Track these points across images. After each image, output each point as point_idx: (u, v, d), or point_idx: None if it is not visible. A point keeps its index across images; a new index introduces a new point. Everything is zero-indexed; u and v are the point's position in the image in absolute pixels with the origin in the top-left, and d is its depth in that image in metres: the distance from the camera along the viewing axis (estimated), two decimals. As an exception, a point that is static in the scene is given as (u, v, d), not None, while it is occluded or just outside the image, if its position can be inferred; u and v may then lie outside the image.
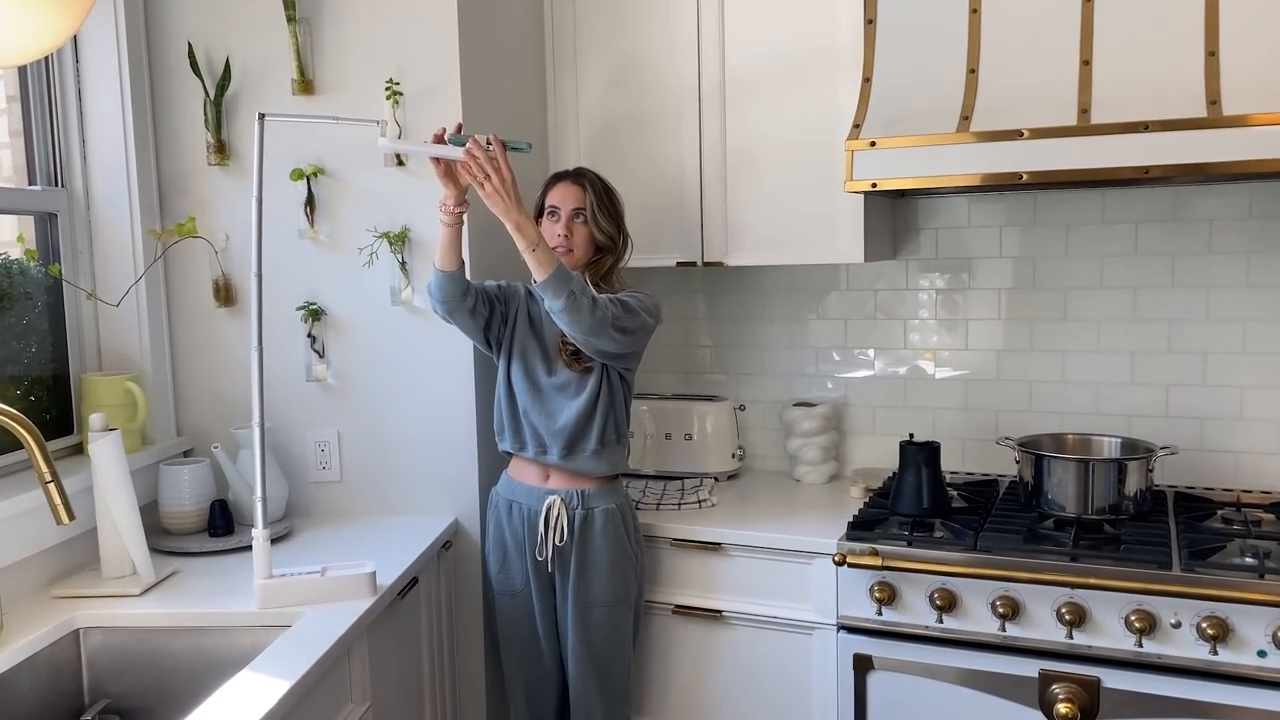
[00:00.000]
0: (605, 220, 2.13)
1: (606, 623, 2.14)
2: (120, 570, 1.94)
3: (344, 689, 1.75)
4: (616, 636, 2.17)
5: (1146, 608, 1.89)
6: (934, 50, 2.18)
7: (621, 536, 2.15)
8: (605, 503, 2.14)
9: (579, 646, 2.14)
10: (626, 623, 2.19)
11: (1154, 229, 2.43)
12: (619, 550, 2.14)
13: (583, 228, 2.12)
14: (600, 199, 2.14)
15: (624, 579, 2.15)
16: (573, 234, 2.11)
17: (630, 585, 2.17)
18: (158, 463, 2.24)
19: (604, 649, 2.15)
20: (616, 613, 2.15)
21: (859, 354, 2.74)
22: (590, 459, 2.12)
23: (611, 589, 2.13)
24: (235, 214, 2.33)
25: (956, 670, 2.05)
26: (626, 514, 2.18)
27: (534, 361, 2.14)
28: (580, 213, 2.12)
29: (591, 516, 2.12)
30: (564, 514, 2.11)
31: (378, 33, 2.23)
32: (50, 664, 1.74)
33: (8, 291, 2.07)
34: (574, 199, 2.12)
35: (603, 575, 2.12)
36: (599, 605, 2.13)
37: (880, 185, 2.12)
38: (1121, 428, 2.46)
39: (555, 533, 2.11)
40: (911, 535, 2.11)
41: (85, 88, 2.24)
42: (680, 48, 2.47)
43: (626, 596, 2.17)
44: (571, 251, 2.11)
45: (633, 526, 2.20)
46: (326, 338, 2.33)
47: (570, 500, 2.12)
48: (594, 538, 2.12)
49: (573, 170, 2.19)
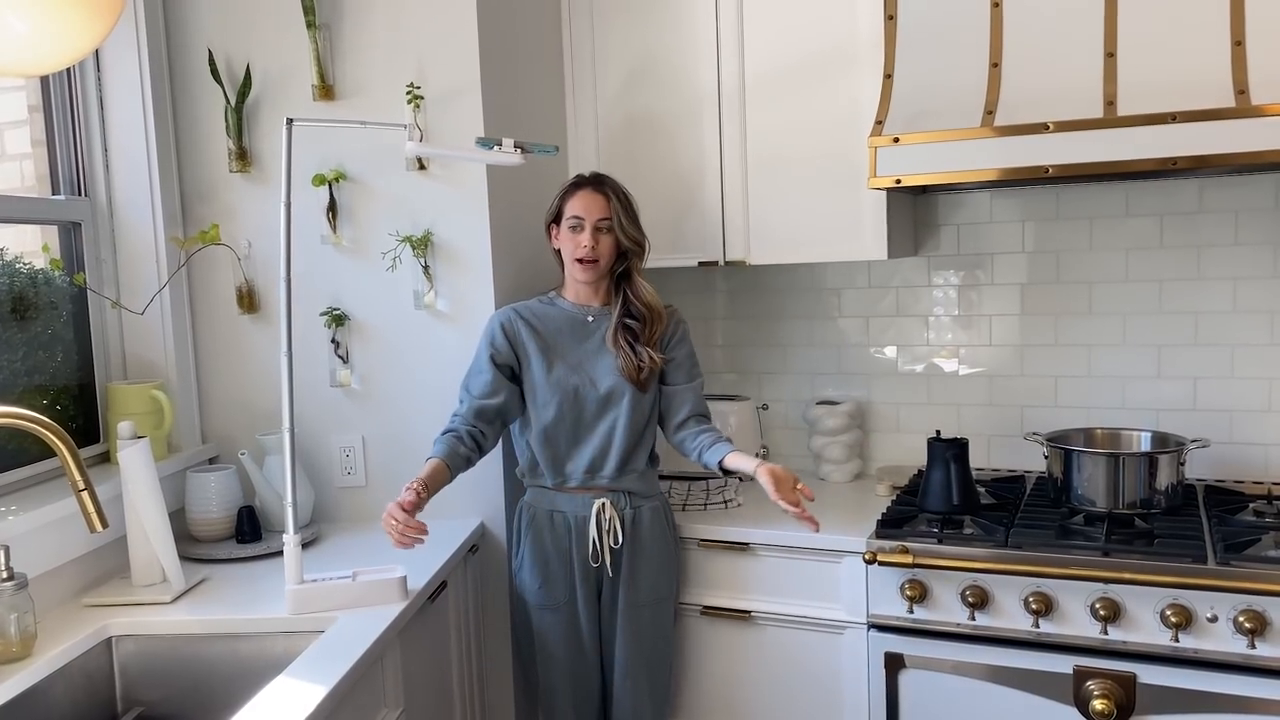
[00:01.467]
0: (631, 227, 2.14)
1: (655, 620, 2.18)
2: (150, 578, 1.94)
3: (378, 694, 1.74)
4: (663, 633, 2.21)
5: (1182, 602, 1.88)
6: (956, 45, 2.17)
7: (666, 530, 2.20)
8: (651, 499, 2.18)
9: (631, 647, 2.15)
10: (671, 619, 2.23)
11: (1179, 221, 2.41)
12: (665, 545, 2.19)
13: (608, 237, 2.12)
14: (625, 207, 2.14)
15: (670, 574, 2.21)
16: (598, 244, 2.11)
17: (674, 580, 2.23)
18: (184, 470, 2.24)
19: (653, 647, 2.18)
20: (663, 609, 2.20)
21: (881, 351, 2.73)
22: (638, 479, 2.16)
23: (660, 585, 2.17)
24: (257, 220, 2.33)
25: (989, 667, 2.04)
26: (668, 508, 2.24)
27: (571, 385, 2.12)
28: (606, 223, 2.11)
29: (640, 515, 2.15)
30: (615, 515, 2.12)
31: (398, 37, 2.23)
32: (83, 673, 1.74)
33: (33, 301, 2.08)
34: (599, 209, 2.11)
35: (653, 572, 2.16)
36: (648, 604, 2.16)
37: (904, 181, 2.11)
38: (1149, 421, 2.45)
39: (609, 535, 2.11)
40: (942, 532, 2.10)
41: (107, 97, 2.25)
42: (699, 47, 2.47)
43: (672, 591, 2.22)
44: (598, 262, 2.11)
45: (673, 521, 2.25)
46: (350, 343, 2.33)
47: (619, 501, 2.13)
48: (643, 536, 2.15)
49: (591, 177, 2.17)
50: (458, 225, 2.26)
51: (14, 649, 1.62)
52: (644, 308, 2.15)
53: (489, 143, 1.94)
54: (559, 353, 2.14)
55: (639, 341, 2.12)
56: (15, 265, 2.04)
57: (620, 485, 2.14)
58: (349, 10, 2.25)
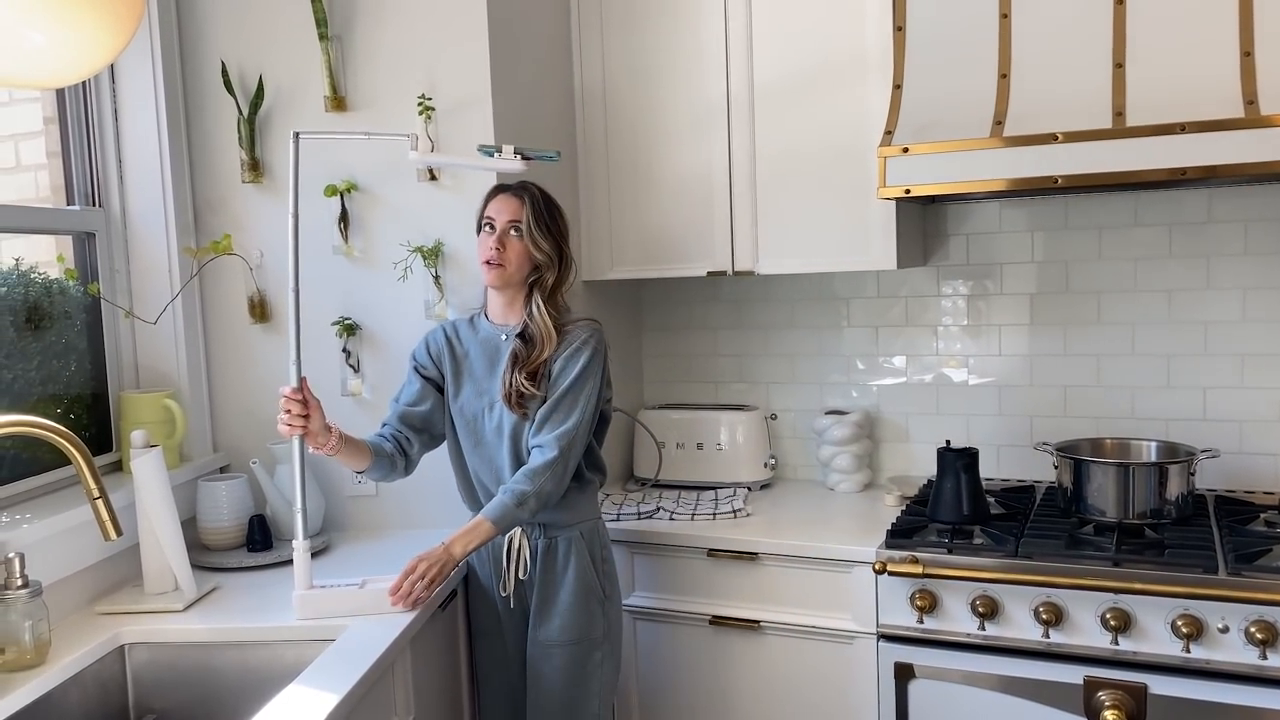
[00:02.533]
0: (542, 236, 1.99)
1: (567, 665, 1.99)
2: (163, 586, 1.95)
3: (388, 702, 1.75)
4: (580, 682, 2.00)
5: (1193, 612, 1.87)
6: (964, 56, 2.18)
7: (586, 567, 2.01)
8: (567, 531, 2.02)
9: (535, 688, 2.01)
10: (593, 664, 2.02)
11: (1189, 230, 2.41)
12: (582, 583, 2.00)
13: (518, 242, 1.98)
14: (539, 213, 2.00)
15: (587, 615, 2.00)
16: (506, 248, 1.98)
17: (596, 621, 2.01)
18: (195, 479, 2.25)
19: (565, 695, 2.00)
20: (579, 654, 2.00)
21: (889, 361, 2.73)
22: (553, 509, 1.98)
23: (575, 626, 1.99)
24: (269, 231, 2.35)
25: (999, 678, 2.03)
26: (593, 543, 2.05)
27: (473, 411, 2.04)
28: (515, 226, 1.98)
29: (554, 546, 2.01)
30: (525, 545, 2.01)
31: (409, 49, 2.25)
32: (97, 680, 1.75)
33: (48, 311, 2.09)
34: (510, 211, 1.99)
35: (566, 610, 1.99)
36: (559, 644, 1.99)
37: (914, 191, 2.11)
38: (1159, 431, 2.44)
39: (518, 565, 2.01)
40: (951, 542, 2.10)
41: (122, 108, 2.27)
42: (708, 56, 2.48)
43: (589, 634, 2.00)
44: (504, 267, 1.98)
45: (600, 557, 2.05)
46: (361, 352, 2.34)
47: (532, 532, 2.01)
48: (555, 569, 2.01)
49: (516, 183, 2.04)
50: (468, 235, 2.26)
51: (28, 656, 1.63)
52: (535, 328, 1.99)
53: (490, 150, 1.95)
54: (469, 376, 2.05)
55: (517, 365, 1.98)
56: (30, 275, 2.06)
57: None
58: (361, 22, 2.27)
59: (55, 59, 1.43)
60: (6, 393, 1.97)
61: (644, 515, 2.41)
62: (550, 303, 2.02)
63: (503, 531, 1.93)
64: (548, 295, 2.02)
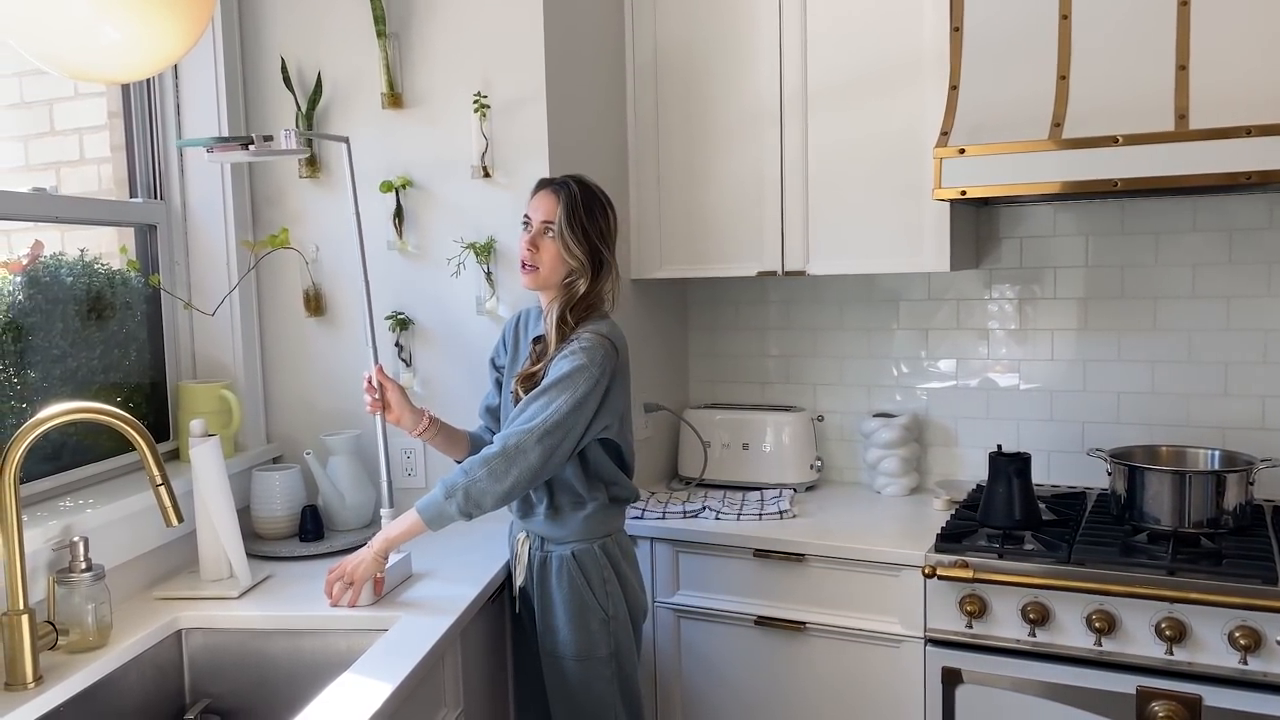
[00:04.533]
0: (574, 240, 1.87)
1: (583, 679, 1.93)
2: (218, 573, 1.98)
3: (439, 693, 1.76)
4: (593, 694, 1.93)
5: (1251, 624, 1.84)
6: (1023, 57, 2.16)
7: (580, 587, 1.92)
8: (561, 549, 1.94)
9: (554, 696, 1.97)
10: (605, 680, 1.94)
11: (1249, 236, 2.37)
12: (577, 602, 1.91)
13: (551, 243, 1.88)
14: (572, 213, 1.87)
15: (587, 633, 1.92)
16: (539, 249, 1.89)
17: (598, 640, 1.92)
18: (250, 469, 2.29)
19: (582, 705, 1.94)
20: (588, 668, 1.93)
21: (939, 364, 2.71)
22: (544, 523, 1.94)
23: (575, 642, 1.92)
24: (325, 225, 2.38)
25: (1049, 685, 2.01)
26: (588, 564, 1.93)
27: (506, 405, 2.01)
28: (549, 226, 1.88)
29: (548, 561, 1.95)
30: (524, 553, 1.98)
31: (465, 46, 2.27)
32: (155, 663, 1.78)
33: (110, 301, 2.14)
34: (545, 210, 1.89)
35: (562, 626, 1.93)
36: (568, 658, 1.93)
37: (969, 193, 2.10)
38: (1215, 440, 2.41)
39: (519, 572, 1.99)
40: (1002, 547, 2.08)
41: (184, 103, 2.31)
42: (762, 56, 2.47)
43: (593, 652, 1.92)
44: (537, 269, 1.89)
45: (598, 578, 1.93)
46: (413, 347, 2.37)
47: (531, 539, 1.98)
48: (549, 585, 1.94)
49: (559, 177, 1.94)
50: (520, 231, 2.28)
51: (91, 638, 1.67)
52: (546, 333, 1.92)
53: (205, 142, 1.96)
54: (512, 370, 2.03)
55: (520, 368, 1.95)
56: (94, 266, 2.10)
57: (530, 526, 1.98)
58: (418, 19, 2.30)
59: (128, 54, 1.47)
60: (70, 380, 2.01)
61: (690, 514, 2.41)
62: (576, 309, 1.90)
63: (431, 525, 1.82)
64: (576, 301, 1.90)
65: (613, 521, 2.00)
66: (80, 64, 1.47)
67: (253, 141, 1.91)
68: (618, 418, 1.93)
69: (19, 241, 1.99)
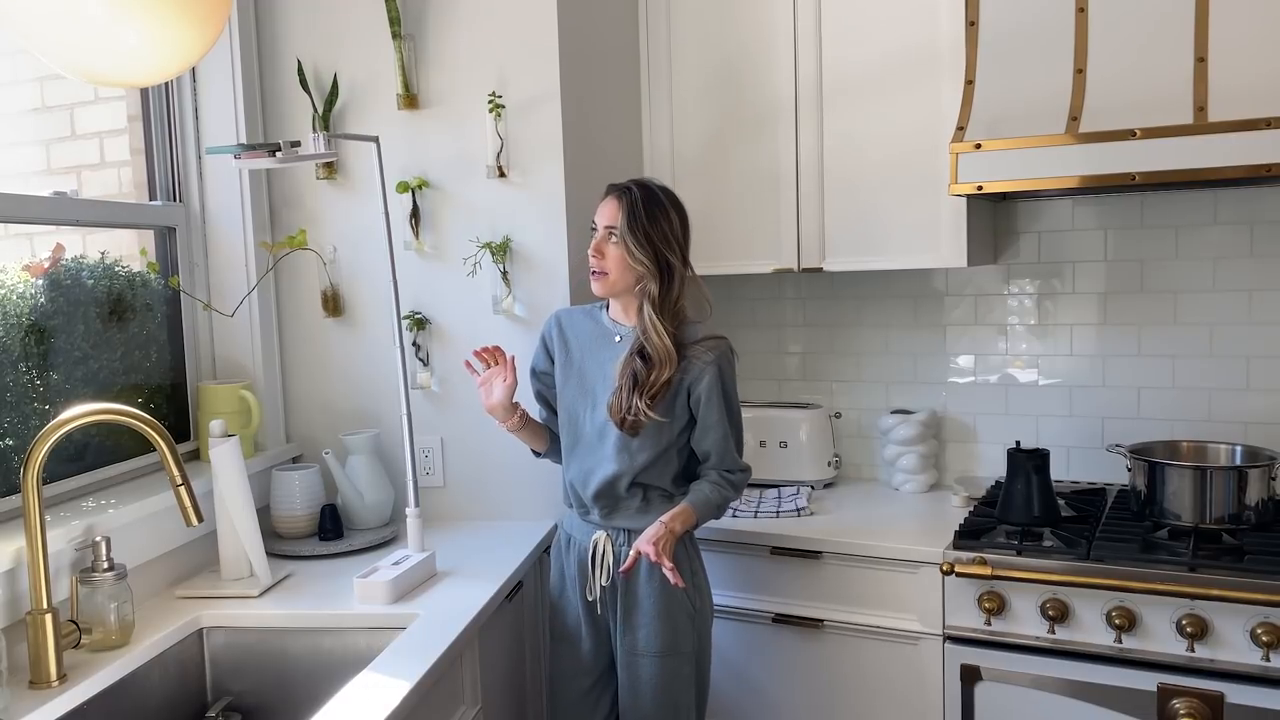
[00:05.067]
0: (637, 244, 1.87)
1: (659, 675, 1.93)
2: (239, 572, 2.00)
3: (457, 692, 1.78)
4: (670, 693, 1.94)
5: (1273, 620, 1.82)
6: (1039, 51, 2.14)
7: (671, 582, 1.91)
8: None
9: (628, 699, 1.96)
10: (683, 679, 1.96)
11: (1270, 229, 2.35)
12: (667, 597, 1.92)
13: (615, 249, 1.89)
14: (634, 217, 1.88)
15: (674, 628, 1.93)
16: (605, 254, 1.91)
17: (684, 635, 1.95)
18: (269, 469, 2.31)
19: (659, 705, 1.94)
20: (670, 665, 1.93)
21: (958, 360, 2.70)
22: (633, 517, 1.96)
23: (660, 638, 1.92)
24: (343, 226, 2.40)
25: (1069, 682, 2.00)
26: (680, 558, 1.93)
27: (575, 409, 2.01)
28: (612, 231, 1.89)
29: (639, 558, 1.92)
30: (609, 552, 1.97)
31: (480, 47, 2.28)
32: (177, 661, 1.80)
33: (130, 303, 2.16)
34: (608, 215, 1.91)
35: (649, 621, 1.92)
36: (647, 654, 1.93)
37: (986, 188, 2.09)
38: (1236, 435, 2.38)
39: (601, 572, 1.97)
40: (1021, 544, 2.07)
41: (202, 106, 2.33)
42: (777, 51, 2.47)
43: (678, 648, 1.94)
44: (607, 275, 1.91)
45: (687, 571, 1.95)
46: (430, 346, 2.38)
47: (616, 538, 1.97)
48: (638, 580, 1.94)
49: (626, 182, 1.95)
50: (536, 232, 2.29)
51: (113, 637, 1.69)
52: (653, 348, 1.90)
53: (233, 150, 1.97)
54: (577, 370, 2.02)
55: (636, 388, 1.89)
56: (115, 269, 2.12)
57: (614, 522, 1.98)
58: (433, 21, 2.30)
59: (147, 58, 1.48)
60: (92, 382, 2.04)
61: (707, 512, 2.41)
62: (665, 315, 1.90)
63: (700, 521, 1.96)
64: (659, 307, 1.90)
65: None
66: (99, 68, 1.49)
67: (280, 148, 1.92)
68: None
69: (41, 245, 2.01)
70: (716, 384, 1.94)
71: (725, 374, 1.95)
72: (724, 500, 1.97)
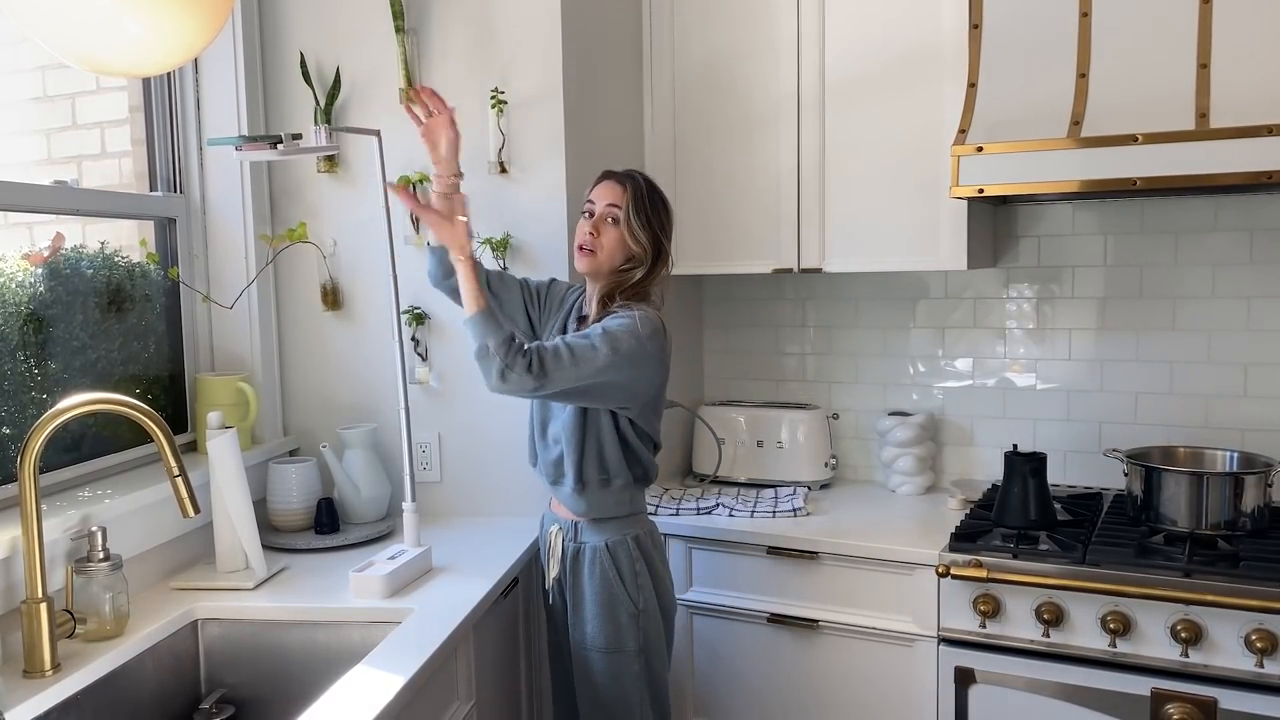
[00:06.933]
0: (640, 227, 1.91)
1: (607, 670, 1.94)
2: (234, 564, 2.00)
3: (452, 686, 1.77)
4: (619, 688, 1.94)
5: (1268, 626, 1.83)
6: (1042, 55, 2.14)
7: (611, 580, 1.92)
8: (595, 539, 1.95)
9: (582, 688, 1.98)
10: (631, 676, 1.94)
11: (1270, 236, 2.35)
12: (607, 594, 1.92)
13: (613, 229, 1.91)
14: (640, 202, 1.92)
15: (616, 626, 1.92)
16: (600, 234, 1.91)
17: (626, 633, 1.92)
18: (266, 461, 2.30)
19: (609, 698, 1.95)
20: (617, 661, 1.93)
21: (956, 363, 2.70)
22: (569, 496, 1.94)
23: (603, 635, 1.92)
24: (343, 220, 2.39)
25: (1063, 686, 2.00)
26: (620, 556, 1.93)
27: None
28: (615, 211, 1.91)
29: (581, 552, 1.96)
30: (558, 544, 2.00)
31: (482, 42, 2.28)
32: (171, 653, 1.80)
33: (130, 294, 2.15)
34: (611, 196, 1.92)
35: (591, 618, 1.94)
36: (595, 649, 1.94)
37: (987, 191, 2.09)
38: (1233, 441, 2.39)
39: (552, 563, 2.01)
40: (1017, 547, 2.07)
41: (204, 98, 2.33)
42: (779, 52, 2.47)
43: (621, 646, 1.93)
44: (595, 254, 1.91)
45: (629, 570, 1.93)
46: (429, 341, 2.38)
47: (566, 531, 1.99)
48: (581, 575, 1.95)
49: (622, 170, 1.99)
50: (536, 227, 2.29)
51: (108, 627, 1.68)
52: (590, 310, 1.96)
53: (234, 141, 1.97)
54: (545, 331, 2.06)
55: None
56: (114, 259, 2.12)
57: (565, 512, 1.98)
58: (436, 15, 2.30)
59: (149, 48, 1.48)
60: (90, 372, 2.03)
61: (704, 511, 2.41)
62: (625, 293, 1.90)
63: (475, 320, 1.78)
64: (626, 287, 1.91)
65: (636, 502, 2.00)
66: (101, 58, 1.48)
67: (281, 140, 1.92)
68: (650, 402, 1.93)
69: (40, 234, 2.01)
70: (608, 319, 1.84)
71: (627, 319, 1.82)
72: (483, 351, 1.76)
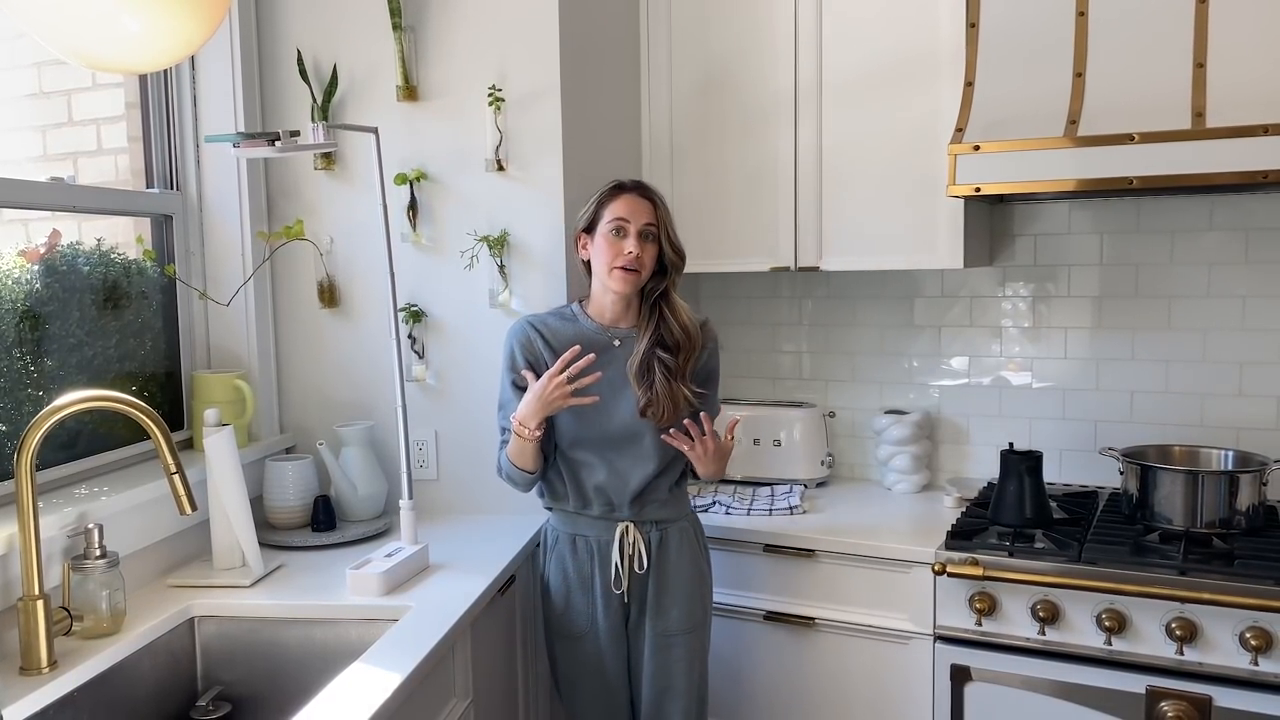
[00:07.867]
0: (676, 238, 2.01)
1: (687, 650, 2.03)
2: (231, 562, 2.00)
3: (448, 684, 1.77)
4: (695, 664, 2.04)
5: (1263, 625, 1.83)
6: (1039, 54, 2.15)
7: (697, 552, 2.06)
8: (678, 520, 2.05)
9: (659, 679, 2.01)
10: (704, 647, 2.08)
11: (1265, 236, 2.36)
12: (695, 568, 2.04)
13: (652, 247, 1.97)
14: (668, 214, 2.01)
15: (702, 600, 2.05)
16: (643, 252, 1.96)
17: (707, 606, 2.08)
18: (262, 459, 2.30)
19: (686, 679, 2.02)
20: (696, 639, 2.04)
21: (952, 362, 2.70)
22: (661, 507, 2.03)
23: (689, 614, 2.02)
24: (340, 217, 2.39)
25: (1058, 684, 2.01)
26: (698, 527, 2.11)
27: (589, 425, 1.98)
28: (652, 230, 1.96)
29: (667, 537, 2.02)
30: (639, 538, 2.00)
31: (480, 40, 2.28)
32: (168, 650, 1.80)
33: (126, 291, 2.15)
34: (645, 214, 1.96)
35: (684, 599, 2.01)
36: (679, 632, 2.01)
37: (984, 190, 2.09)
38: (1229, 440, 2.39)
39: (633, 560, 2.00)
40: (1013, 545, 2.08)
41: (200, 95, 2.32)
42: (777, 50, 2.47)
43: (705, 619, 2.07)
44: (639, 272, 1.96)
45: (703, 541, 2.12)
46: (426, 339, 2.37)
47: (645, 525, 2.02)
48: (670, 560, 2.01)
49: (631, 182, 2.01)
50: (533, 226, 2.29)
51: (105, 624, 1.68)
52: (681, 333, 1.98)
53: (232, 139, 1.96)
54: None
55: (673, 376, 1.95)
56: (111, 256, 2.11)
57: (645, 515, 2.02)
58: (434, 13, 2.30)
59: (147, 45, 1.47)
60: (87, 369, 2.03)
61: (700, 509, 2.41)
62: (669, 300, 2.01)
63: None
64: (661, 292, 2.01)
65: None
66: (98, 54, 1.48)
67: (279, 137, 1.92)
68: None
69: (37, 230, 2.00)
70: (717, 359, 2.10)
71: (718, 351, 2.11)
72: None
